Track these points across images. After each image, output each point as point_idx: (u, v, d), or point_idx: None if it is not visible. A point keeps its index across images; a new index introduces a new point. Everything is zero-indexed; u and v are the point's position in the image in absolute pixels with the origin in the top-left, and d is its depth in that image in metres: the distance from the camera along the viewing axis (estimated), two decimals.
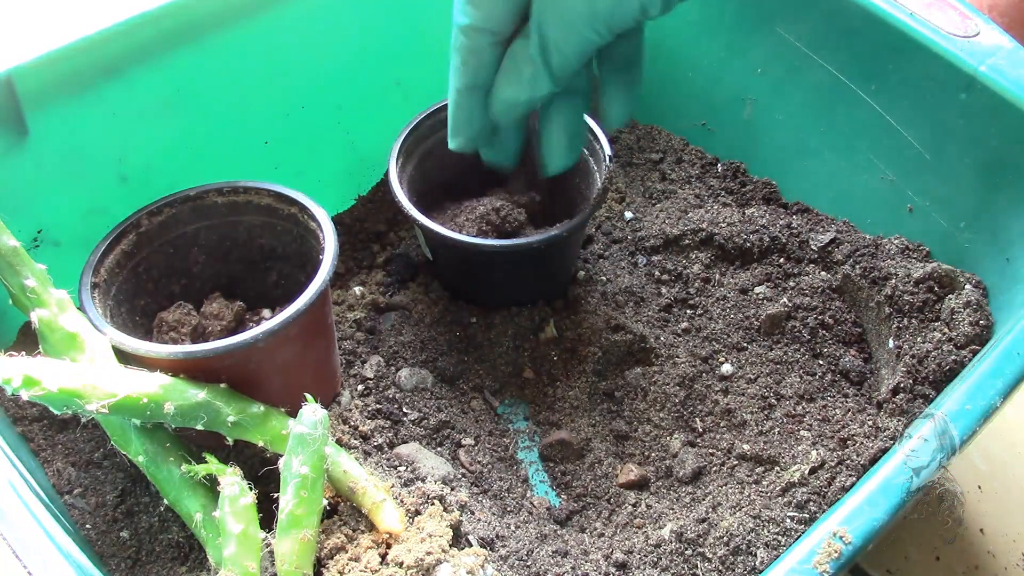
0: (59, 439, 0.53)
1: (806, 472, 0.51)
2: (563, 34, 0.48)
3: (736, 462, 0.55)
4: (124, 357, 0.48)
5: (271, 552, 0.43)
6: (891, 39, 0.59)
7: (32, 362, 0.43)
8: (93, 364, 0.46)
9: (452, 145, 0.56)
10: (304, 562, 0.43)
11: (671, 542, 0.50)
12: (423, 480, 0.51)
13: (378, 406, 0.56)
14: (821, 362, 0.60)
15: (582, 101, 0.55)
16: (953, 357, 0.53)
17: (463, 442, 0.57)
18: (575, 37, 0.48)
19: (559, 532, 0.54)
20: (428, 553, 0.43)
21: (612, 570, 0.50)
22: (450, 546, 0.44)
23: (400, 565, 0.43)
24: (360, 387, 0.57)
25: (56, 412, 0.44)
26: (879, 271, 0.60)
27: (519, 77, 0.50)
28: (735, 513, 0.50)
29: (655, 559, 0.50)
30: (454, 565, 0.43)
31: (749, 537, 0.48)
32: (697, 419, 0.58)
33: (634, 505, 0.54)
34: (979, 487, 0.62)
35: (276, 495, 0.44)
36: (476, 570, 0.43)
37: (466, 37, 0.50)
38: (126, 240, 0.53)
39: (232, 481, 0.44)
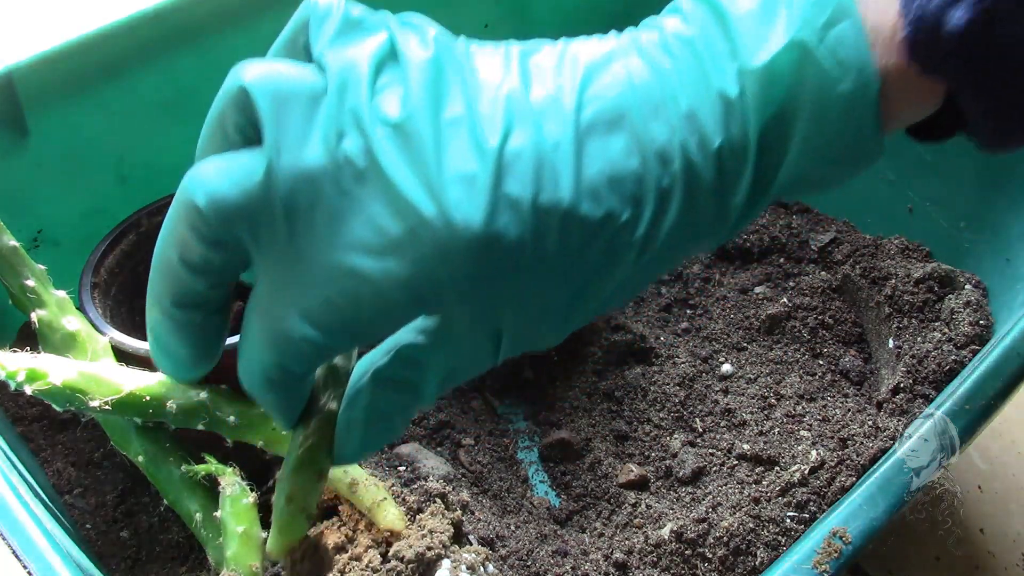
0: (59, 439, 0.53)
1: (806, 472, 0.51)
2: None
3: (736, 462, 0.55)
4: (124, 357, 0.48)
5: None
6: None
7: (36, 357, 0.43)
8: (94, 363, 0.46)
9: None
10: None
11: (671, 542, 0.50)
12: (423, 479, 0.51)
13: None
14: (821, 362, 0.60)
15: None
16: (953, 357, 0.53)
17: (463, 442, 0.57)
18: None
19: (559, 532, 0.54)
20: (429, 548, 0.43)
21: (612, 570, 0.50)
22: (451, 543, 0.44)
23: (401, 560, 0.43)
24: None
25: (58, 409, 0.44)
26: (879, 271, 0.60)
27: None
28: (735, 513, 0.50)
29: (655, 559, 0.50)
30: (455, 561, 0.43)
31: (749, 537, 0.48)
32: (697, 419, 0.58)
33: (634, 505, 0.54)
34: (979, 487, 0.62)
35: None
36: (477, 566, 0.43)
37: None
38: (126, 240, 0.53)
39: (232, 481, 0.44)
